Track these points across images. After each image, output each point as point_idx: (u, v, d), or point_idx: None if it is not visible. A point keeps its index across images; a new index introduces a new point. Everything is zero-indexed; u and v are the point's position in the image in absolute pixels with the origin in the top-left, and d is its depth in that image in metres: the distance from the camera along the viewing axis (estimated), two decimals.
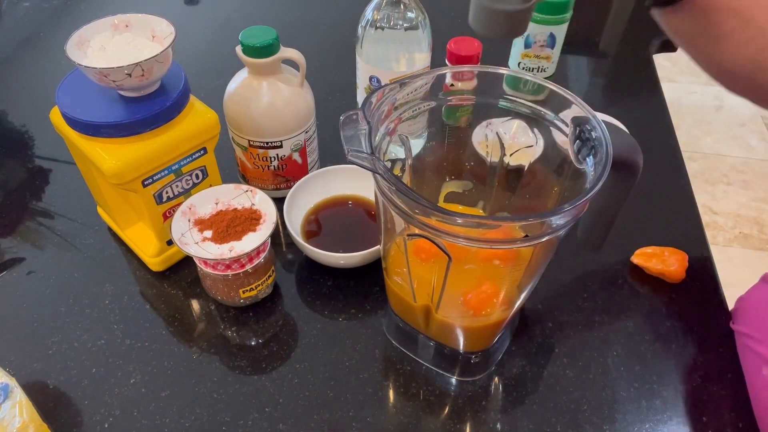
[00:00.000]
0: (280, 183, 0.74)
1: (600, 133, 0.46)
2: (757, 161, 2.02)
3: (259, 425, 0.55)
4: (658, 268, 0.66)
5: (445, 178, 0.62)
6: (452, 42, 0.74)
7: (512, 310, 0.54)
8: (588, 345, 0.61)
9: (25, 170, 0.81)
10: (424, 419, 0.56)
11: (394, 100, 0.51)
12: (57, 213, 0.74)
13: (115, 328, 0.62)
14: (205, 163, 0.63)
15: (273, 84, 0.66)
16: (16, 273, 0.68)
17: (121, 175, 0.56)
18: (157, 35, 0.59)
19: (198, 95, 0.63)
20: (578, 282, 0.67)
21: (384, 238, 0.54)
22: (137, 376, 0.59)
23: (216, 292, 0.62)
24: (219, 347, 0.61)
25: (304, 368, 0.59)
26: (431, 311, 0.54)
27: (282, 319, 0.64)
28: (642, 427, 0.55)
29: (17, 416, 0.49)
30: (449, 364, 0.59)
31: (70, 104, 0.57)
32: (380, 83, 0.72)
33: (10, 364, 0.59)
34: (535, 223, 0.43)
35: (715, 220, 1.83)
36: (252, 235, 0.59)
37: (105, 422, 0.55)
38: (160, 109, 0.57)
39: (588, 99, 0.49)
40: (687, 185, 0.78)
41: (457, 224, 0.42)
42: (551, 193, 0.55)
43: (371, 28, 0.69)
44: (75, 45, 0.56)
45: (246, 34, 0.64)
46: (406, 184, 0.42)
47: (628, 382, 0.59)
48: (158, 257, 0.66)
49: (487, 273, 0.54)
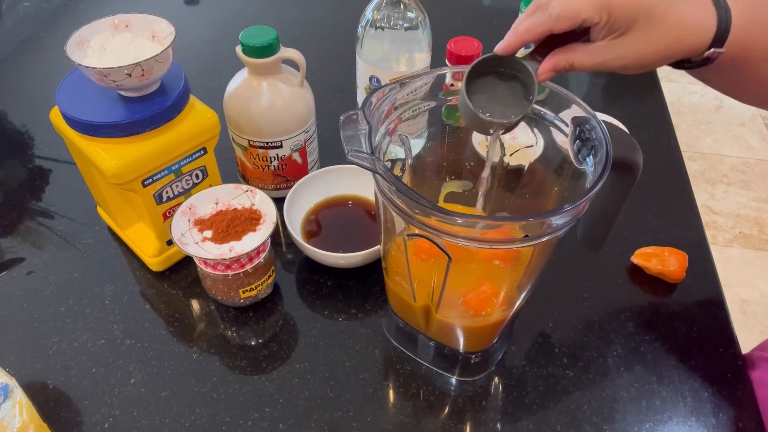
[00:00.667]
0: (280, 183, 0.74)
1: (600, 133, 0.46)
2: (757, 161, 2.02)
3: (259, 425, 0.55)
4: (658, 268, 0.66)
5: (445, 178, 0.61)
6: (452, 42, 0.74)
7: (512, 310, 0.54)
8: (588, 345, 0.61)
9: (25, 170, 0.81)
10: (424, 419, 0.56)
11: (394, 100, 0.51)
12: (57, 213, 0.74)
13: (115, 328, 0.62)
14: (205, 163, 0.63)
15: (273, 84, 0.66)
16: (16, 273, 0.68)
17: (121, 175, 0.56)
18: (157, 35, 0.59)
19: (198, 95, 0.63)
20: (578, 282, 0.67)
21: (384, 238, 0.54)
22: (137, 376, 0.59)
23: (216, 292, 0.62)
24: (219, 347, 0.61)
25: (304, 368, 0.59)
26: (431, 311, 0.54)
27: (282, 319, 0.64)
28: (642, 427, 0.55)
29: (17, 416, 0.49)
30: (449, 364, 0.59)
31: (70, 104, 0.57)
32: (380, 83, 0.72)
33: (10, 364, 0.59)
34: (535, 223, 0.43)
35: (715, 220, 1.83)
36: (252, 235, 0.59)
37: (105, 422, 0.55)
38: (160, 109, 0.57)
39: (588, 99, 0.49)
40: (687, 185, 0.78)
41: (457, 224, 0.42)
42: (551, 193, 0.55)
43: (371, 28, 0.69)
44: (75, 45, 0.56)
45: (246, 34, 0.64)
46: (406, 184, 0.42)
47: (628, 382, 0.59)
48: (158, 257, 0.66)
49: (487, 273, 0.54)
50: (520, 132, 0.55)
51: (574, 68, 0.44)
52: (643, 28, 0.41)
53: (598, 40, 0.42)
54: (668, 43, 0.42)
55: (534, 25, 0.42)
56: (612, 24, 0.41)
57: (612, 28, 0.41)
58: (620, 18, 0.41)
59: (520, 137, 0.55)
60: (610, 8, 0.40)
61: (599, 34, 0.42)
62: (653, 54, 0.43)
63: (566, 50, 0.43)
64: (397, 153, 0.55)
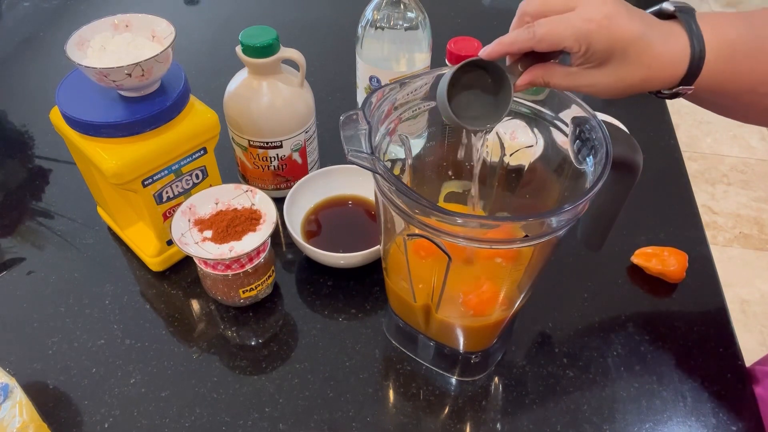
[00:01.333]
0: (280, 183, 0.74)
1: (600, 133, 0.46)
2: (757, 161, 2.02)
3: (259, 425, 0.55)
4: (658, 268, 0.66)
5: (445, 178, 0.61)
6: (452, 42, 0.74)
7: (512, 310, 0.54)
8: (588, 345, 0.61)
9: (25, 170, 0.81)
10: (424, 419, 0.56)
11: (394, 100, 0.51)
12: (57, 213, 0.74)
13: (115, 328, 0.62)
14: (205, 163, 0.63)
15: (273, 84, 0.66)
16: (16, 273, 0.68)
17: (121, 175, 0.56)
18: (157, 35, 0.59)
19: (198, 95, 0.63)
20: (578, 282, 0.67)
21: (384, 238, 0.54)
22: (137, 376, 0.59)
23: (216, 292, 0.62)
24: (219, 347, 0.61)
25: (304, 368, 0.59)
26: (431, 311, 0.54)
27: (282, 319, 0.64)
28: (642, 427, 0.55)
29: (17, 416, 0.49)
30: (449, 364, 0.59)
31: (70, 104, 0.57)
32: (380, 83, 0.72)
33: (10, 364, 0.59)
34: (535, 223, 0.43)
35: (715, 220, 1.83)
36: (252, 235, 0.59)
37: (105, 422, 0.55)
38: (160, 109, 0.57)
39: (588, 99, 0.49)
40: (687, 185, 0.78)
41: (457, 224, 0.42)
42: (551, 193, 0.55)
43: (371, 28, 0.69)
44: (75, 45, 0.56)
45: (246, 34, 0.64)
46: (406, 184, 0.42)
47: (628, 382, 0.59)
48: (158, 257, 0.66)
49: (488, 272, 0.54)
50: (520, 132, 0.55)
51: (549, 86, 0.47)
52: (617, 63, 0.44)
53: (574, 65, 0.45)
54: (639, 79, 0.45)
55: (518, 41, 0.44)
56: (589, 55, 0.44)
57: (589, 59, 0.44)
58: (597, 51, 0.43)
59: (520, 137, 0.55)
60: (589, 41, 0.42)
61: (576, 60, 0.45)
62: (624, 87, 0.46)
63: (545, 68, 0.46)
64: (397, 153, 0.55)
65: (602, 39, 0.42)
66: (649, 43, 0.43)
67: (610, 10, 0.42)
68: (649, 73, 0.44)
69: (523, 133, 0.54)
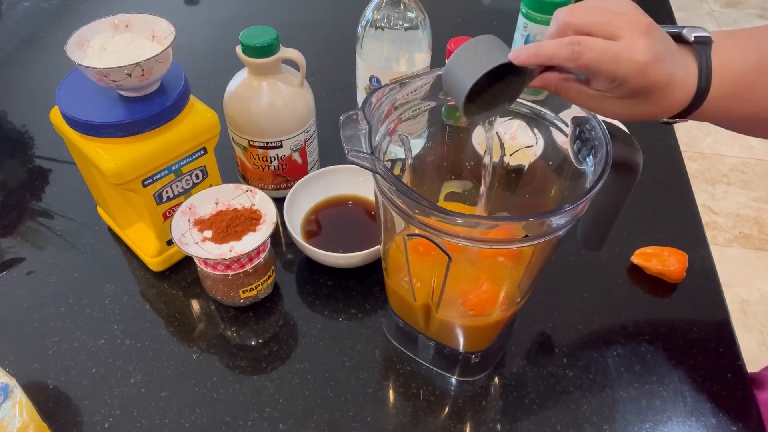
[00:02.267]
0: (280, 183, 0.74)
1: (600, 133, 0.46)
2: (757, 161, 2.02)
3: (259, 425, 0.55)
4: (658, 268, 0.66)
5: (445, 178, 0.62)
6: (452, 42, 0.74)
7: (512, 310, 0.54)
8: (588, 345, 0.61)
9: (25, 170, 0.81)
10: (424, 419, 0.56)
11: (394, 100, 0.51)
12: (57, 213, 0.74)
13: (115, 328, 0.62)
14: (205, 163, 0.63)
15: (273, 84, 0.66)
16: (16, 273, 0.68)
17: (121, 175, 0.56)
18: (157, 35, 0.59)
19: (198, 95, 0.63)
20: (578, 282, 0.67)
21: (384, 238, 0.54)
22: (137, 376, 0.59)
23: (216, 292, 0.62)
24: (219, 347, 0.61)
25: (304, 368, 0.59)
26: (431, 311, 0.54)
27: (282, 319, 0.64)
28: (642, 427, 0.55)
29: (17, 416, 0.49)
30: (449, 364, 0.59)
31: (70, 104, 0.57)
32: (380, 83, 0.72)
33: (10, 364, 0.59)
34: (535, 223, 0.43)
35: (715, 220, 1.83)
36: (252, 235, 0.59)
37: (105, 422, 0.55)
38: (160, 109, 0.57)
39: None
40: (687, 185, 0.78)
41: (457, 224, 0.42)
42: (551, 193, 0.55)
43: (371, 28, 0.69)
44: (75, 45, 0.56)
45: (246, 34, 0.64)
46: (406, 184, 0.42)
47: (628, 382, 0.59)
48: (158, 257, 0.66)
49: (488, 272, 0.54)
50: (520, 132, 0.55)
51: (560, 95, 0.46)
52: (637, 101, 0.43)
53: (593, 88, 0.44)
54: (647, 115, 0.45)
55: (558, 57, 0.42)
56: (617, 90, 0.43)
57: (613, 92, 0.43)
58: (627, 90, 0.42)
59: (520, 137, 0.55)
60: (625, 80, 0.41)
61: (599, 86, 0.43)
62: (631, 118, 0.45)
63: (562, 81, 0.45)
64: (397, 153, 0.55)
65: (639, 82, 0.41)
66: (672, 88, 0.43)
67: (657, 54, 0.41)
68: (659, 111, 0.45)
69: (523, 133, 0.54)
